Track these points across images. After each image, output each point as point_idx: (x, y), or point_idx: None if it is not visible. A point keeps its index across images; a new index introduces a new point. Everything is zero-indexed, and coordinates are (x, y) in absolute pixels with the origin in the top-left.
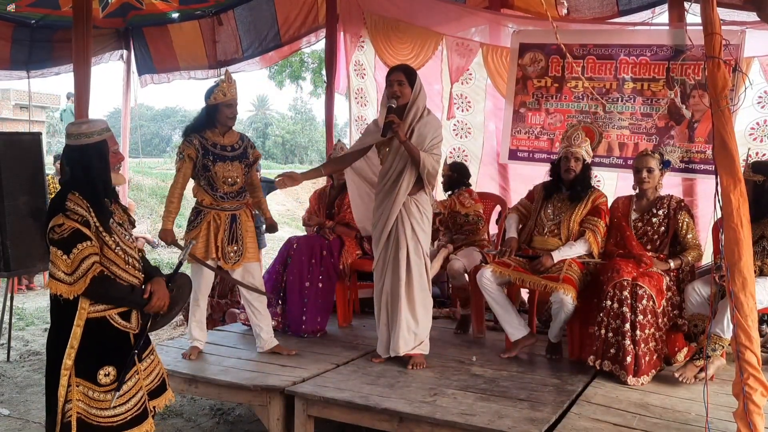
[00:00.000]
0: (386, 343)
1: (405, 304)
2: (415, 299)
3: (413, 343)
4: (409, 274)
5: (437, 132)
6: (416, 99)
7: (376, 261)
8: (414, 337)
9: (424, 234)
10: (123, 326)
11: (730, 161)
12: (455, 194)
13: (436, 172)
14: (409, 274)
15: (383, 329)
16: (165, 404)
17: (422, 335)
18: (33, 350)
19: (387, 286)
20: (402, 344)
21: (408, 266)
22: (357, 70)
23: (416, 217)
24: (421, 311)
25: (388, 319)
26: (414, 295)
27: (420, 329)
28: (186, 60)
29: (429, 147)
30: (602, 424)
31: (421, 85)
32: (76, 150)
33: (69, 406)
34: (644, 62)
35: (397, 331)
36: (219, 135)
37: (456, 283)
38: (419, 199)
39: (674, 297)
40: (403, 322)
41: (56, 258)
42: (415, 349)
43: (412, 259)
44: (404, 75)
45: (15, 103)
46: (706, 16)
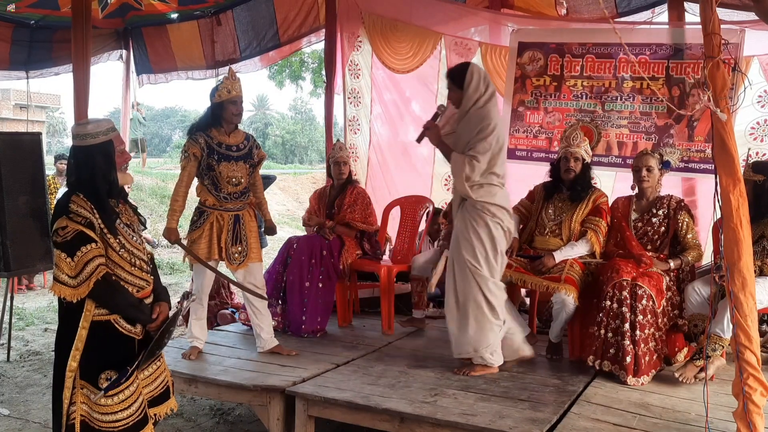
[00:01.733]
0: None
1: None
2: (467, 308)
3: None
4: (461, 280)
5: (477, 127)
6: (462, 98)
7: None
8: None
9: (479, 242)
10: (128, 331)
11: (730, 161)
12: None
13: (470, 173)
14: (461, 280)
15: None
16: (167, 413)
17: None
18: (33, 350)
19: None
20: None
21: (462, 272)
22: (352, 71)
23: (473, 223)
24: (472, 324)
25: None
26: (465, 303)
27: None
28: (184, 60)
29: (469, 146)
30: (602, 424)
31: (471, 81)
32: (81, 150)
33: (73, 408)
34: (644, 61)
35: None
36: (225, 134)
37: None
38: (479, 204)
39: (674, 297)
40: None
41: (60, 261)
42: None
43: (461, 265)
44: (450, 79)
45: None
46: (705, 16)
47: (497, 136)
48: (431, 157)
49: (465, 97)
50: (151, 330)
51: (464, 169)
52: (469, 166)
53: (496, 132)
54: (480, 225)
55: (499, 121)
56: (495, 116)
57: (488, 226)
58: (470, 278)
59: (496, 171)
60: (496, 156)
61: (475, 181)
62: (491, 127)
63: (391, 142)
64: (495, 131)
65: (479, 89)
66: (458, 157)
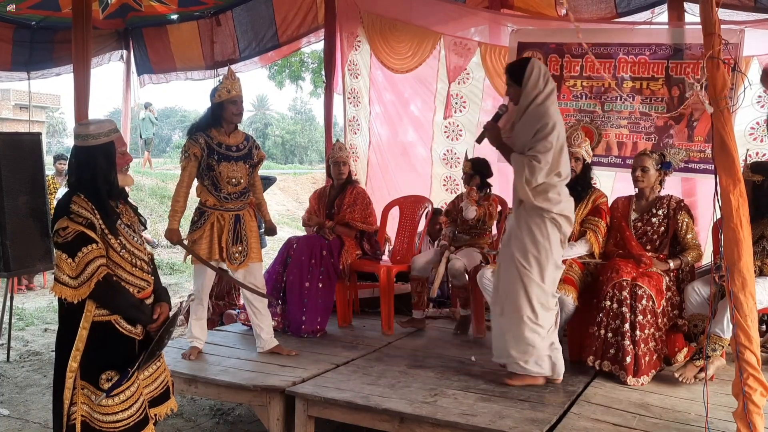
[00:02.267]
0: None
1: (498, 311)
2: (509, 309)
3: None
4: (506, 279)
5: (536, 126)
6: (520, 95)
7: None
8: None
9: (533, 243)
10: (128, 331)
11: (730, 161)
12: (484, 202)
13: (530, 176)
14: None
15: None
16: (166, 413)
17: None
18: (33, 350)
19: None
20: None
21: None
22: (351, 71)
23: (528, 222)
24: (509, 326)
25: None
26: (507, 304)
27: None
28: (183, 61)
29: (529, 146)
30: (602, 424)
31: (530, 77)
32: (83, 151)
33: (74, 408)
34: (643, 61)
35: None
36: (225, 134)
37: (456, 282)
38: (538, 209)
39: (674, 297)
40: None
41: (61, 261)
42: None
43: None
44: (508, 76)
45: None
46: (705, 17)
47: (557, 135)
48: (430, 157)
49: (523, 94)
50: (152, 330)
51: (524, 172)
52: (529, 168)
53: (557, 130)
54: (535, 225)
55: (559, 119)
56: (554, 114)
57: (545, 228)
58: (517, 278)
59: (559, 170)
60: (558, 156)
61: (536, 183)
62: (550, 126)
63: (390, 142)
64: (555, 130)
65: (538, 86)
66: (518, 158)
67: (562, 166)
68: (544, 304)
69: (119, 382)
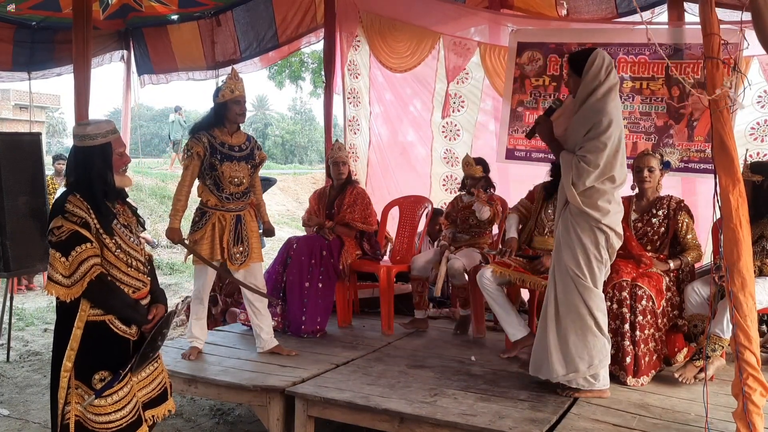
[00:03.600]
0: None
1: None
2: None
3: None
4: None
5: (590, 123)
6: (579, 87)
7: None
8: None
9: (582, 249)
10: (122, 332)
11: (729, 162)
12: (492, 202)
13: (577, 179)
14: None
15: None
16: (165, 414)
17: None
18: (33, 350)
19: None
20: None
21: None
22: (351, 71)
23: (576, 228)
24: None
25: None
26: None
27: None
28: (184, 61)
29: (581, 145)
30: (602, 424)
31: (591, 68)
32: (81, 151)
33: (68, 408)
34: (643, 61)
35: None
36: (227, 134)
37: (456, 282)
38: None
39: (674, 297)
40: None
41: (54, 260)
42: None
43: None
44: (569, 64)
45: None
46: (704, 17)
47: (612, 135)
48: (429, 157)
49: (582, 85)
50: (146, 332)
51: (571, 172)
52: (576, 169)
53: (612, 130)
54: (584, 234)
55: (617, 118)
56: (612, 111)
57: (593, 232)
58: (573, 288)
59: (613, 175)
60: (612, 159)
61: (584, 186)
62: (605, 124)
63: (390, 142)
64: (610, 129)
65: (599, 77)
66: (567, 157)
67: (617, 170)
68: (602, 309)
69: (110, 384)
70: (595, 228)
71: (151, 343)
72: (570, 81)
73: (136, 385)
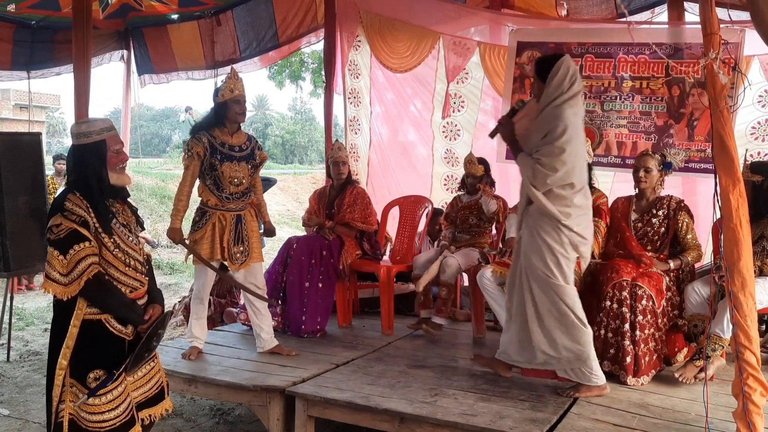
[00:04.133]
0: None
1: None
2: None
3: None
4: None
5: (547, 128)
6: (543, 93)
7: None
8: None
9: (548, 248)
10: (118, 331)
11: (730, 162)
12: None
13: (533, 179)
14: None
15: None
16: (162, 414)
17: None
18: (33, 350)
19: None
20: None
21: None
22: (352, 71)
23: (538, 230)
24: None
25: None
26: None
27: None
28: (184, 60)
29: (537, 148)
30: (602, 424)
31: (556, 76)
32: (77, 150)
33: (62, 406)
34: (643, 60)
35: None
36: (228, 134)
37: (444, 278)
38: (547, 217)
39: (674, 297)
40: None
41: (52, 258)
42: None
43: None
44: (534, 69)
45: (15, 103)
46: (704, 17)
47: (570, 141)
48: (431, 157)
49: (545, 92)
50: (142, 332)
51: (527, 173)
52: (533, 171)
53: (568, 136)
54: (548, 232)
55: (575, 124)
56: (570, 118)
57: (556, 233)
58: (548, 289)
59: (573, 182)
60: (572, 164)
61: (540, 189)
62: (560, 129)
63: (391, 142)
64: (566, 135)
65: (562, 87)
66: (524, 158)
67: (576, 177)
68: (579, 305)
69: (104, 383)
70: (558, 229)
71: (146, 343)
72: (534, 85)
73: (131, 384)
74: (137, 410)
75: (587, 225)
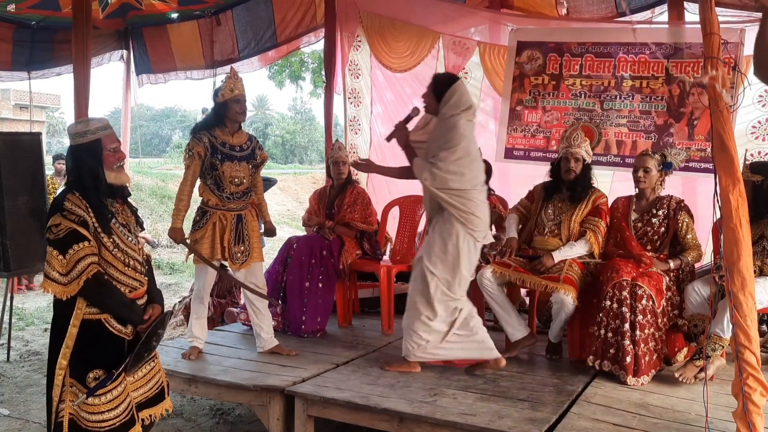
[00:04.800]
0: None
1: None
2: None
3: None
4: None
5: (445, 137)
6: (437, 109)
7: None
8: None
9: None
10: (118, 331)
11: (729, 161)
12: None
13: (434, 181)
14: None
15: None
16: (161, 414)
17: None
18: (33, 350)
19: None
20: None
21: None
22: (352, 71)
23: (442, 231)
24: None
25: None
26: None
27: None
28: (183, 60)
29: (433, 153)
30: (602, 424)
31: (450, 100)
32: (74, 149)
33: (62, 406)
34: (643, 60)
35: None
36: (228, 134)
37: None
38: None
39: (674, 297)
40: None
41: (52, 258)
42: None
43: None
44: (432, 86)
45: (15, 103)
46: (704, 17)
47: (465, 148)
48: None
49: (441, 111)
50: (141, 331)
51: (425, 177)
52: (431, 173)
53: (463, 144)
54: (448, 234)
55: (468, 134)
56: (464, 127)
57: (457, 237)
58: (422, 278)
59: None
60: (467, 168)
61: (439, 187)
62: (456, 138)
63: (391, 142)
64: (462, 144)
65: (455, 109)
66: (419, 163)
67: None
68: (442, 301)
69: (103, 383)
70: (460, 227)
71: (145, 343)
72: (429, 99)
73: (131, 385)
74: (137, 410)
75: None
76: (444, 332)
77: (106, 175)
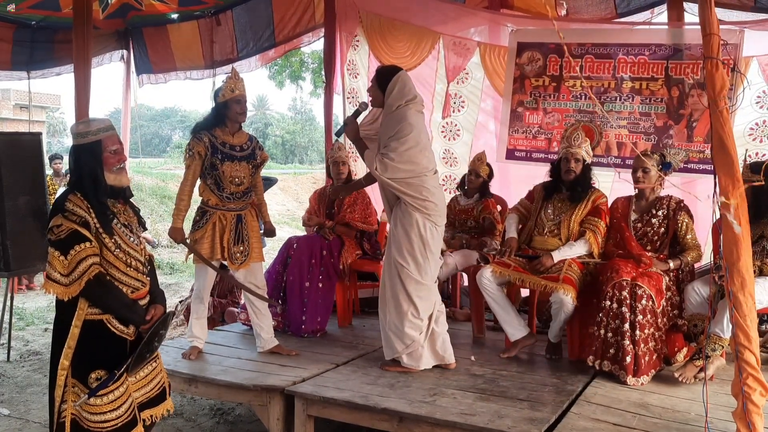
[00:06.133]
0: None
1: (383, 312)
2: (391, 305)
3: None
4: (388, 278)
5: (395, 129)
6: (382, 101)
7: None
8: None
9: (407, 241)
10: (120, 331)
11: (729, 162)
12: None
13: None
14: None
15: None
16: (163, 414)
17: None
18: (33, 350)
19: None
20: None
21: (390, 270)
22: (350, 71)
23: (403, 221)
24: (392, 319)
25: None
26: (390, 301)
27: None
28: (183, 60)
29: (384, 144)
30: (602, 424)
31: (393, 90)
32: (75, 150)
33: (64, 406)
34: (643, 61)
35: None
36: (229, 134)
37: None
38: (411, 201)
39: (674, 297)
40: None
41: (53, 258)
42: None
43: (389, 264)
44: (376, 79)
45: (15, 103)
46: (704, 17)
47: (414, 137)
48: None
49: (386, 103)
50: (143, 332)
51: (377, 167)
52: (382, 164)
53: (413, 134)
54: (409, 224)
55: (417, 123)
56: (412, 117)
57: (418, 225)
58: (396, 276)
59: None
60: (417, 156)
61: (387, 177)
62: (406, 128)
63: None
64: (412, 132)
65: (399, 100)
66: (369, 155)
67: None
68: (422, 297)
69: (105, 384)
70: (419, 215)
71: (147, 343)
72: (374, 92)
73: (132, 385)
74: (139, 411)
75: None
76: (426, 325)
77: (106, 176)
